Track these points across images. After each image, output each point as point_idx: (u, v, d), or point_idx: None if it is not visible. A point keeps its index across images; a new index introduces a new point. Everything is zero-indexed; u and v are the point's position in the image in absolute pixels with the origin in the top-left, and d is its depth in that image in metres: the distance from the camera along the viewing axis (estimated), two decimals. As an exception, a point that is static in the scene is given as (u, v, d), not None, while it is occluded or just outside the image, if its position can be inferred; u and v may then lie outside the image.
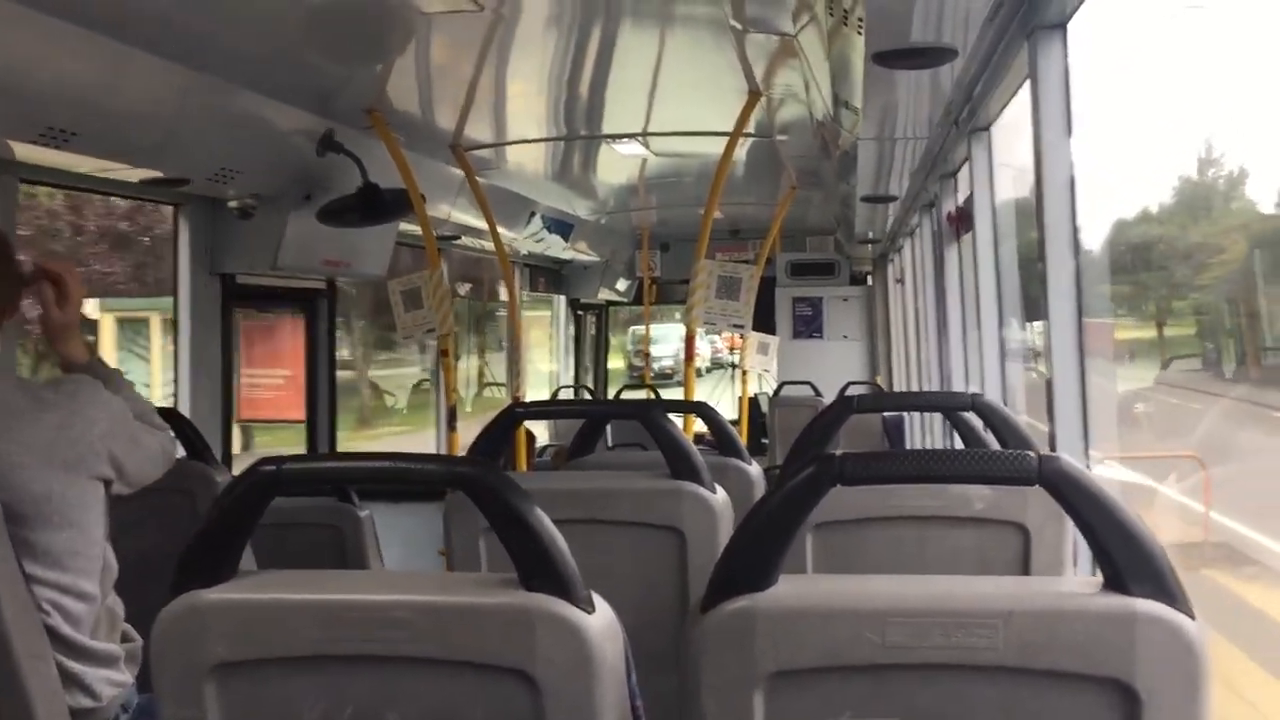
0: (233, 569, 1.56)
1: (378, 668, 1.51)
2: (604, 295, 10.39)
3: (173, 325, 4.80)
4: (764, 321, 8.20)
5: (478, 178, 5.61)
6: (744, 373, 7.19)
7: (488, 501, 1.53)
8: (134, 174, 4.06)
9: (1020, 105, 3.40)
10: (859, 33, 2.71)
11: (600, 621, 1.51)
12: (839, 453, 1.48)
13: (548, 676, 1.48)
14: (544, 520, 1.53)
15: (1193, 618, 1.39)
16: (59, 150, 3.49)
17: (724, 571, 1.49)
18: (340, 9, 3.33)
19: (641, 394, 8.46)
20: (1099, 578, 1.46)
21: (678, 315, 13.51)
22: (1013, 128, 3.93)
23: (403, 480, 1.55)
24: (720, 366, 13.33)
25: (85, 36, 3.18)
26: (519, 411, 2.99)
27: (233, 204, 4.68)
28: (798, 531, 1.51)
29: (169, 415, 3.43)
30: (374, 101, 4.49)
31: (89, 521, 2.32)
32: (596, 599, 1.54)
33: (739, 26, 3.63)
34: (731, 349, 12.14)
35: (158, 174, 4.09)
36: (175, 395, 4.72)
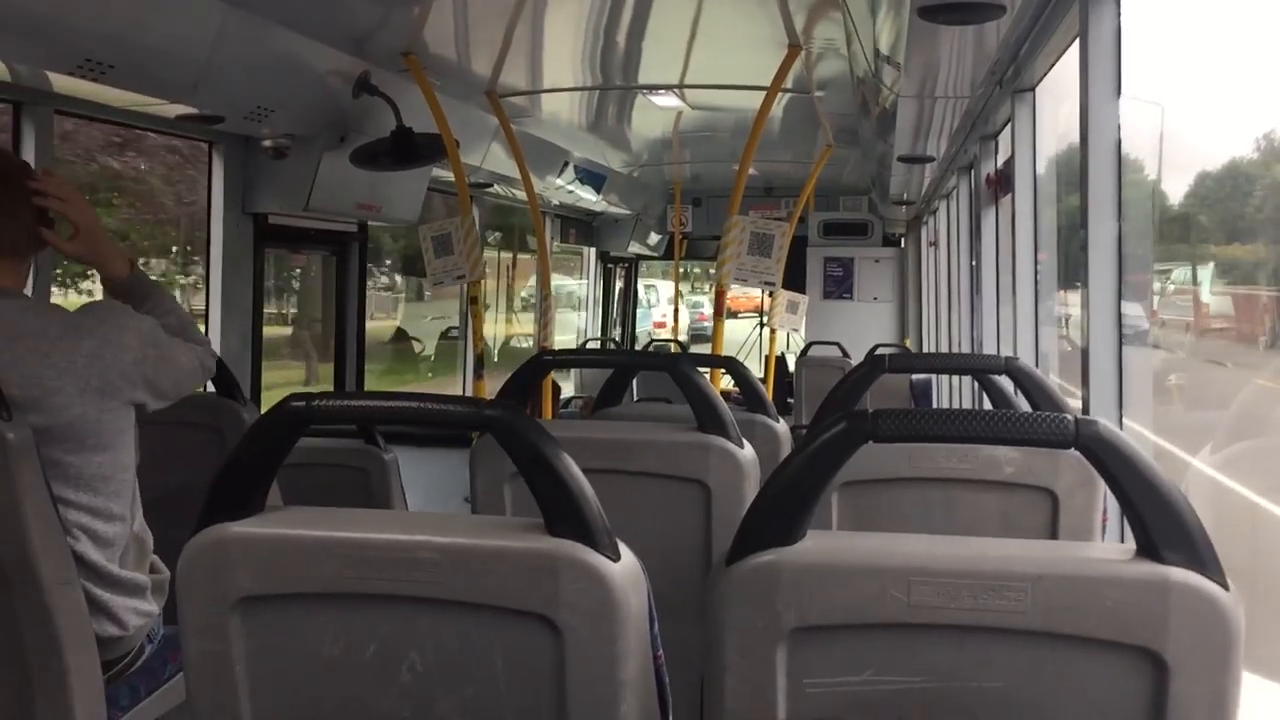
0: (260, 503, 1.57)
1: (401, 607, 1.52)
2: (634, 249, 10.36)
3: (204, 262, 4.82)
4: (794, 280, 8.15)
5: (512, 125, 5.58)
6: (772, 331, 7.16)
7: (515, 445, 1.52)
8: (169, 109, 4.05)
9: (1066, 67, 3.34)
10: (905, -15, 2.66)
11: (625, 569, 1.50)
12: (871, 409, 1.46)
13: (571, 622, 1.47)
14: (571, 466, 1.52)
15: (1226, 588, 1.37)
16: (95, 83, 3.48)
17: (751, 525, 1.48)
18: (379, -52, 3.30)
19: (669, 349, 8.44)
20: (1130, 545, 1.44)
21: (710, 271, 13.38)
22: (1054, 90, 3.87)
23: (430, 421, 1.54)
24: (702, 338, 12.85)
25: (124, -31, 3.17)
26: (547, 359, 2.98)
27: (267, 143, 4.66)
28: (826, 488, 1.50)
29: None
30: (410, 44, 4.46)
31: (120, 445, 2.34)
32: (622, 547, 1.53)
33: (782, -23, 3.57)
34: (731, 313, 11.97)
35: (193, 110, 4.08)
36: (206, 332, 4.73)
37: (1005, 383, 2.81)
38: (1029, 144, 3.95)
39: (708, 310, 13.15)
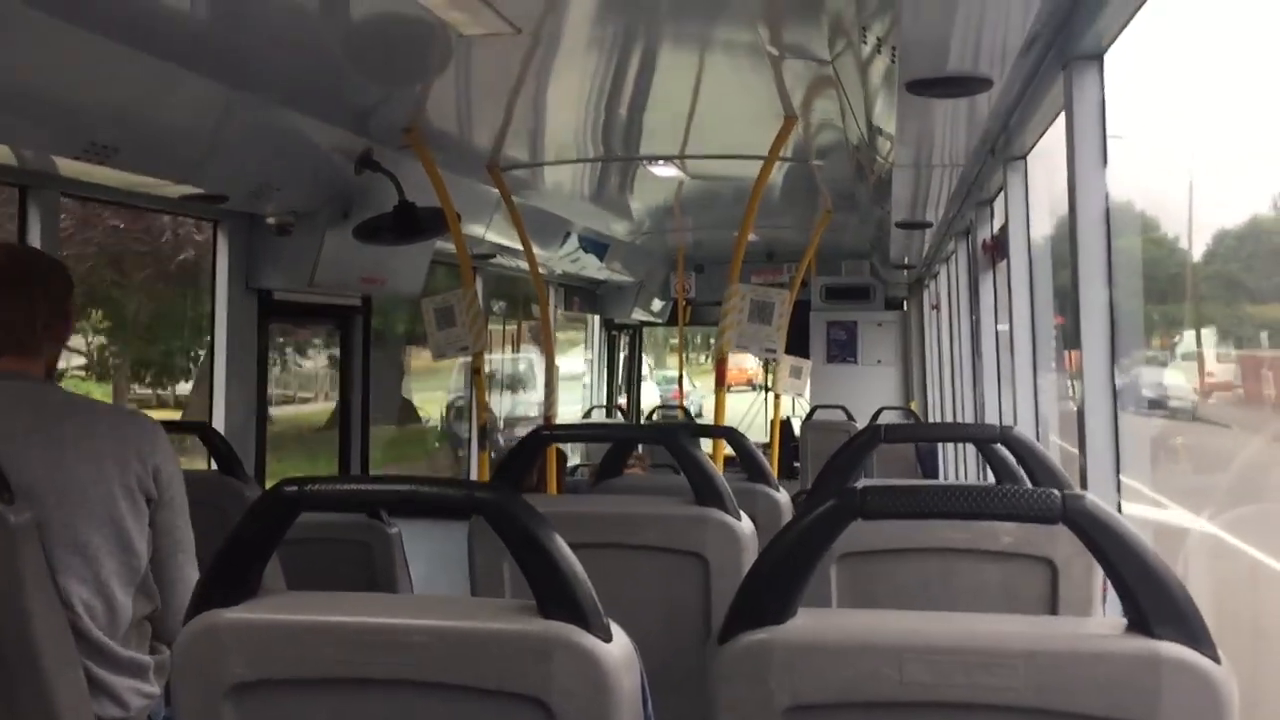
0: (254, 587, 1.57)
1: (394, 691, 1.51)
2: (638, 315, 10.41)
3: (209, 340, 4.85)
4: (798, 345, 8.18)
5: (514, 197, 5.65)
6: (776, 396, 7.17)
7: (506, 528, 1.53)
8: (174, 189, 4.11)
9: (1058, 135, 3.38)
10: (893, 61, 2.71)
11: (618, 651, 1.50)
12: (861, 485, 1.47)
13: (564, 705, 1.47)
14: (563, 548, 1.53)
15: (1218, 661, 1.37)
16: (101, 166, 3.54)
17: (742, 603, 1.48)
18: (379, 30, 3.36)
19: (675, 416, 8.44)
20: (1124, 619, 1.44)
21: (710, 340, 13.35)
22: (1050, 155, 3.91)
23: (423, 504, 1.55)
24: (668, 409, 12.39)
25: (128, 54, 3.23)
26: (545, 434, 2.99)
27: (271, 220, 4.73)
28: (820, 562, 1.50)
29: (202, 430, 3.48)
30: (411, 121, 4.53)
31: (130, 528, 2.35)
32: (615, 628, 1.54)
33: (776, 52, 3.64)
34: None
35: (198, 190, 4.14)
36: (210, 410, 4.76)
37: (1006, 452, 2.81)
38: (1022, 211, 3.99)
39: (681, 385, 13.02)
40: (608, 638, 1.50)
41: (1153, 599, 1.39)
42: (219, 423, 4.63)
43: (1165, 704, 1.36)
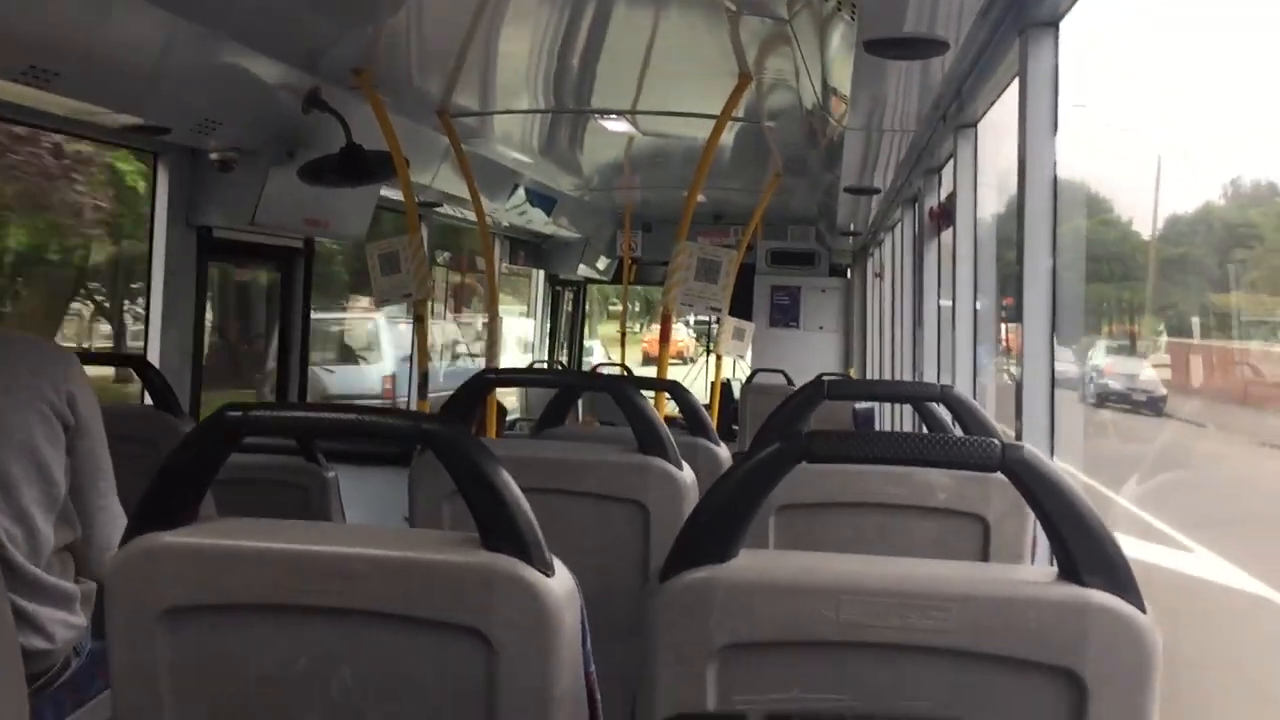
0: (192, 514, 1.56)
1: (333, 620, 1.51)
2: (583, 272, 10.38)
3: (145, 274, 4.76)
4: (741, 308, 8.21)
5: (463, 145, 5.59)
6: (718, 357, 7.20)
7: (453, 460, 1.52)
8: (114, 119, 4.01)
9: (1008, 106, 3.42)
10: (851, 19, 2.71)
11: (559, 585, 1.51)
12: (807, 430, 1.48)
13: (503, 637, 1.48)
14: (508, 481, 1.53)
15: (1144, 611, 1.41)
16: (40, 90, 3.45)
17: (685, 542, 1.49)
18: (332, -35, 3.30)
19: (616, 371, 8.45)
20: (1054, 568, 1.47)
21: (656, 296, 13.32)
22: (997, 129, 3.95)
23: (368, 434, 1.54)
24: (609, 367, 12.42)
25: (72, -24, 3.14)
26: (489, 377, 2.98)
27: (213, 156, 4.63)
28: (761, 509, 1.52)
29: (137, 363, 3.42)
30: (362, 61, 4.46)
31: (48, 456, 2.31)
32: (556, 563, 1.54)
33: (733, 8, 3.62)
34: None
35: (138, 120, 4.04)
36: (145, 345, 4.68)
37: (944, 415, 2.85)
38: (970, 179, 4.03)
39: (598, 356, 12.98)
40: (550, 572, 1.51)
41: (1084, 548, 1.43)
42: (154, 358, 4.55)
43: (1093, 649, 1.39)
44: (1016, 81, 2.74)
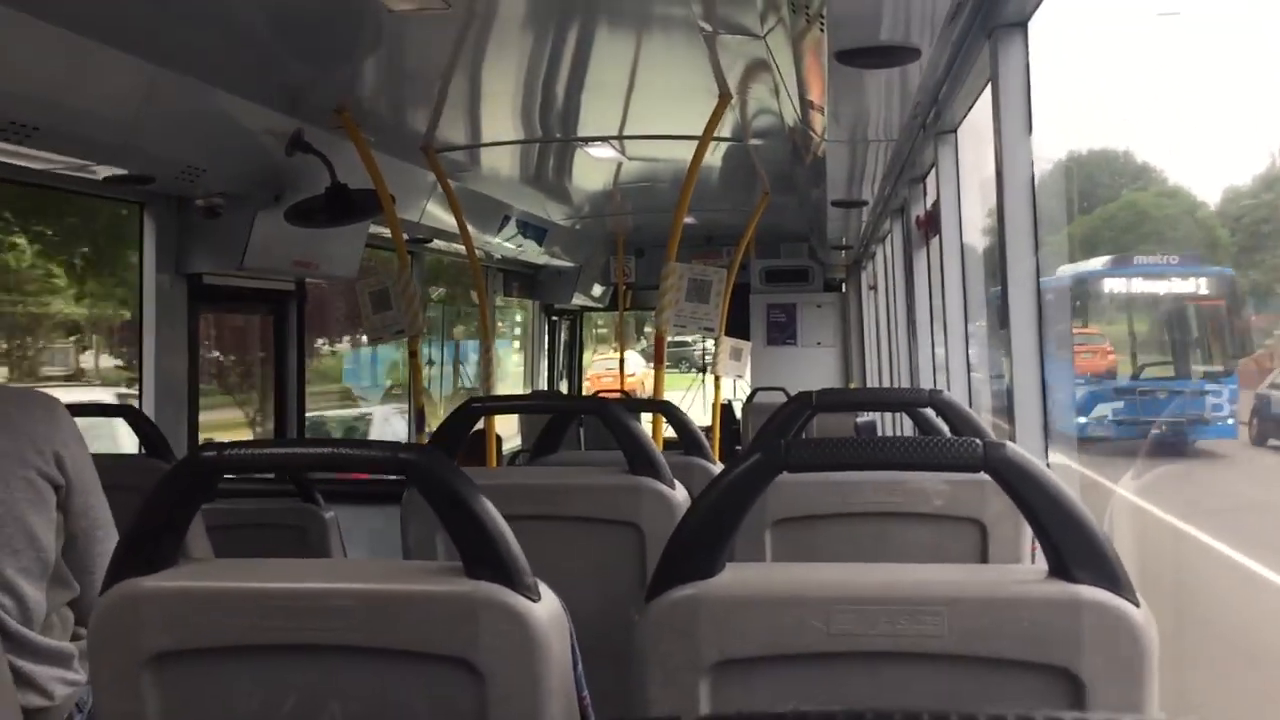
0: (172, 557, 1.54)
1: (318, 657, 1.49)
2: (578, 301, 10.39)
3: (136, 324, 4.77)
4: (738, 327, 8.20)
5: (450, 180, 5.60)
6: (716, 378, 7.19)
7: (431, 488, 1.51)
8: (98, 171, 4.03)
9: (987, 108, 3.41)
10: (822, 31, 2.72)
11: (545, 609, 1.49)
12: (785, 440, 1.47)
13: (491, 665, 1.46)
14: (489, 507, 1.51)
15: (1137, 604, 1.39)
16: (20, 146, 3.46)
17: (670, 559, 1.48)
18: (307, 7, 3.32)
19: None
20: (1044, 566, 1.46)
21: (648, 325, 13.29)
22: (979, 133, 3.95)
23: (345, 466, 1.53)
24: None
25: (49, 30, 3.16)
26: (476, 405, 2.97)
27: (199, 203, 4.65)
28: (756, 524, 1.51)
29: (127, 413, 3.42)
30: (344, 101, 4.48)
31: (33, 521, 2.28)
32: (543, 588, 1.53)
33: (709, 28, 3.63)
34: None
35: (122, 171, 4.06)
36: (140, 394, 4.68)
37: (942, 424, 2.84)
38: (953, 185, 4.03)
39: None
40: (536, 597, 1.49)
41: (1072, 544, 1.41)
42: (149, 406, 4.55)
43: (1086, 647, 1.37)
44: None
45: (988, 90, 2.98)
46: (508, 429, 9.29)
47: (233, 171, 4.51)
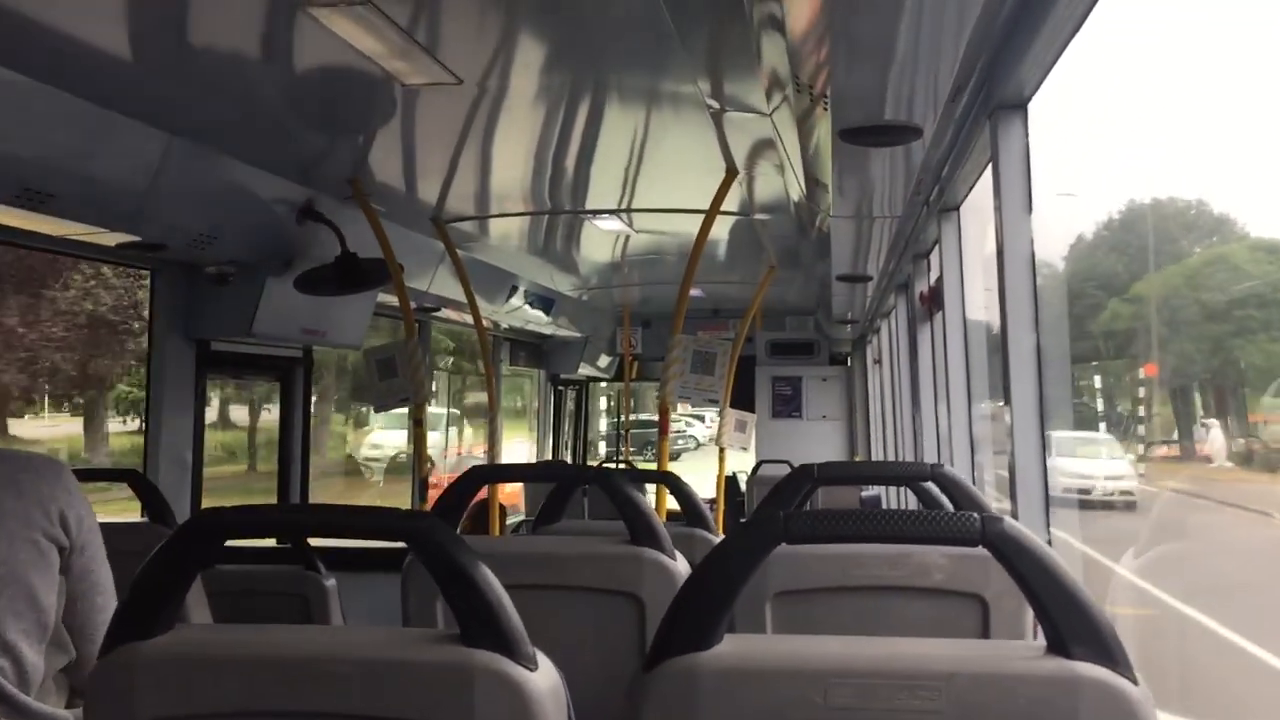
0: (169, 622, 1.54)
1: None
2: (584, 371, 10.42)
3: (145, 388, 4.80)
4: (743, 400, 8.22)
5: (459, 250, 5.66)
6: (721, 450, 7.19)
7: (430, 555, 1.52)
8: (110, 237, 4.08)
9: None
10: (825, 110, 2.77)
11: (543, 679, 1.49)
12: (784, 512, 1.48)
13: None
14: (488, 576, 1.52)
15: (1135, 682, 1.39)
16: (34, 212, 3.51)
17: (669, 629, 1.48)
18: (322, 81, 3.38)
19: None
20: (1043, 642, 1.45)
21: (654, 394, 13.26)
22: (983, 211, 4.00)
23: (345, 532, 1.54)
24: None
25: (65, 100, 3.22)
26: (480, 474, 2.97)
27: (210, 270, 4.70)
28: (757, 597, 1.51)
29: (130, 477, 3.43)
30: (355, 172, 4.54)
31: (36, 584, 2.28)
32: (541, 658, 1.52)
33: (716, 105, 3.70)
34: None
35: (135, 238, 4.11)
36: (145, 458, 4.69)
37: (945, 499, 2.83)
38: (956, 261, 4.07)
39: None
40: (533, 666, 1.49)
41: (1069, 620, 1.41)
42: (153, 470, 4.56)
43: None
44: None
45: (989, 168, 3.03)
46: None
47: (244, 239, 4.56)
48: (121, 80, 3.22)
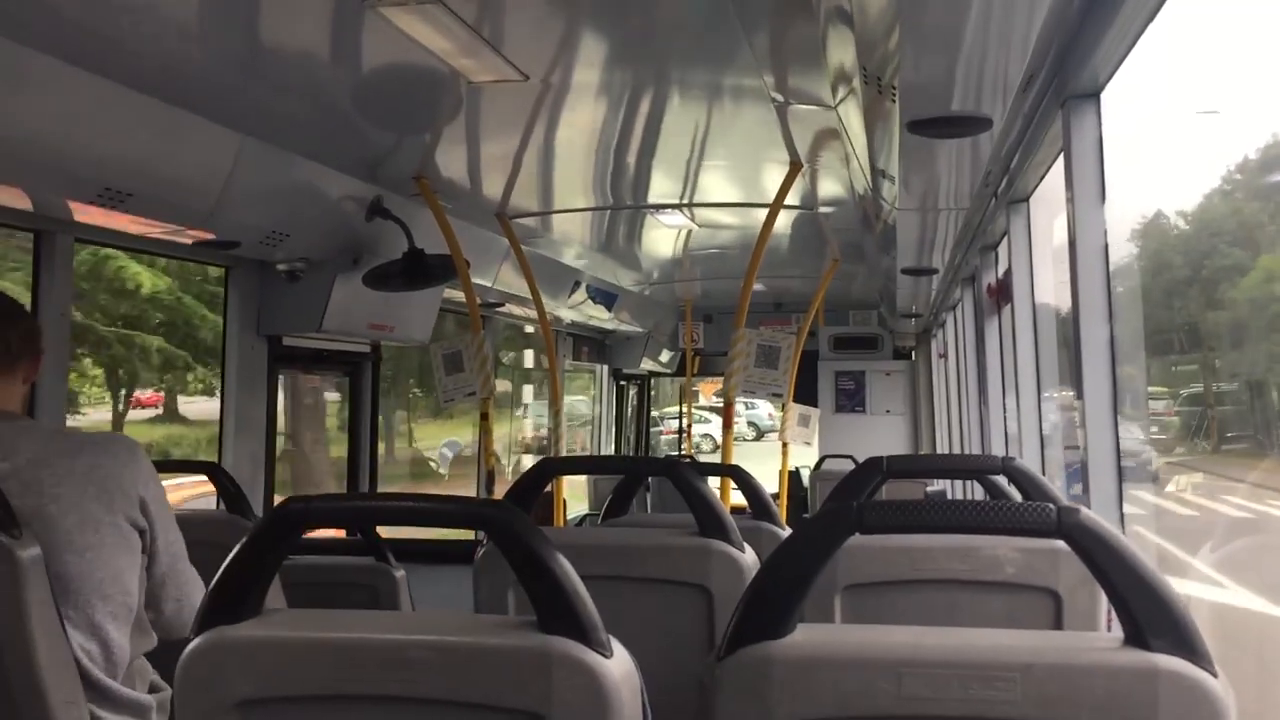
0: (257, 606, 1.59)
1: (395, 708, 1.52)
2: (647, 366, 10.44)
3: (219, 383, 4.90)
4: (806, 394, 8.19)
5: (523, 246, 5.70)
6: (784, 445, 7.17)
7: (509, 543, 1.54)
8: (186, 235, 4.17)
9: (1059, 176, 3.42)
10: (893, 101, 2.75)
11: (618, 666, 1.51)
12: (858, 502, 1.48)
13: (564, 719, 1.48)
14: (564, 564, 1.54)
15: (1215, 674, 1.37)
16: (114, 211, 3.60)
17: (742, 618, 1.49)
18: (390, 79, 3.43)
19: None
20: (1121, 635, 1.44)
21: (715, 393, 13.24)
22: (1053, 202, 3.95)
23: (427, 520, 1.57)
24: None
25: (142, 101, 3.30)
26: (551, 465, 3.00)
27: (281, 267, 4.78)
28: (827, 589, 1.51)
29: (210, 469, 3.51)
30: (422, 169, 4.60)
31: (123, 566, 2.35)
32: (615, 644, 1.54)
33: (780, 99, 3.69)
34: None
35: (209, 236, 4.20)
36: (220, 451, 4.79)
37: (1016, 493, 2.81)
38: (1025, 253, 4.02)
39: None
40: (608, 653, 1.51)
41: (1148, 612, 1.40)
42: (227, 463, 4.66)
43: (1163, 717, 1.35)
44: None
45: (1060, 159, 2.99)
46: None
47: (314, 237, 4.64)
48: (194, 81, 3.29)
